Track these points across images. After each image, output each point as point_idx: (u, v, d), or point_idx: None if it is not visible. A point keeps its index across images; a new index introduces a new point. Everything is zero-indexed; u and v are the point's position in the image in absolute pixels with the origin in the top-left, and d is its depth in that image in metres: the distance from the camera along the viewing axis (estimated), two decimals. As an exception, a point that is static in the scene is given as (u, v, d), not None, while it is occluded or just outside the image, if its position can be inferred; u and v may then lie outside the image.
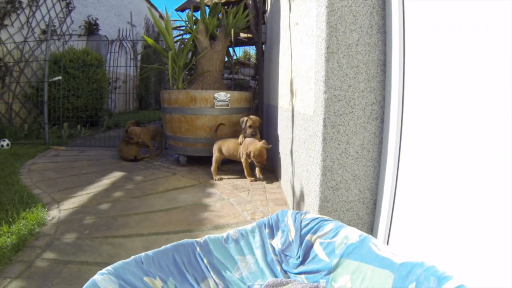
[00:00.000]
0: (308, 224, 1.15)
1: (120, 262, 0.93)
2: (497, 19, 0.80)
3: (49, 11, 6.47)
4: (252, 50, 6.90)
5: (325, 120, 1.38)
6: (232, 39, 3.62)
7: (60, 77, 5.00)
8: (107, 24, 8.94)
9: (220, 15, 3.87)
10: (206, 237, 1.15)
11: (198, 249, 1.10)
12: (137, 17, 10.89)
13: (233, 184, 2.79)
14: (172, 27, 3.69)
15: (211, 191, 2.58)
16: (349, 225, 1.11)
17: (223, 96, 3.24)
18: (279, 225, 1.22)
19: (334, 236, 1.07)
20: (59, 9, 6.82)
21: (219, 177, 2.94)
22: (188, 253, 1.08)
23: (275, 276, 1.11)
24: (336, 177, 1.42)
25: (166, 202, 2.32)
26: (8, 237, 1.66)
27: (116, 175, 3.02)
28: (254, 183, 2.81)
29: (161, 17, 10.84)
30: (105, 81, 6.73)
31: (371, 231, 1.44)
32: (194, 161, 3.58)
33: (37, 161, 3.61)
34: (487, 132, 0.82)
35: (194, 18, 3.75)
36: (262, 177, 2.84)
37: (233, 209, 2.19)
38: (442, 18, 1.00)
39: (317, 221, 1.14)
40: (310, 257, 1.10)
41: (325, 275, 1.03)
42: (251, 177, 2.89)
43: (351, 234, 1.04)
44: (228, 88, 4.10)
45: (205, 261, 1.08)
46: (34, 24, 6.12)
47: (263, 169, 2.97)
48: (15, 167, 3.21)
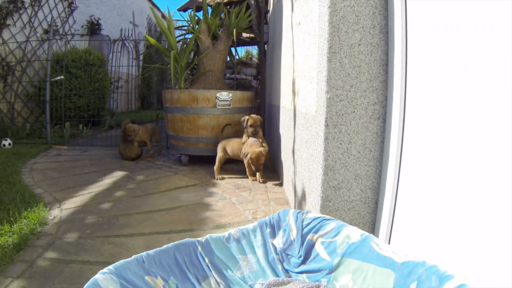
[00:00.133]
0: (309, 223, 1.15)
1: (121, 261, 0.93)
2: (498, 19, 0.79)
3: (51, 11, 6.49)
4: (254, 50, 6.89)
5: (327, 119, 1.38)
6: (234, 39, 3.63)
7: (62, 77, 5.02)
8: (110, 23, 8.96)
9: (222, 15, 3.88)
10: (207, 236, 1.15)
11: (199, 248, 1.10)
12: (139, 17, 10.91)
13: (235, 183, 2.79)
14: (174, 27, 3.69)
15: (213, 190, 2.58)
16: (350, 224, 1.11)
17: (225, 95, 3.24)
18: (280, 225, 1.22)
19: (335, 235, 1.07)
20: (61, 9, 6.84)
21: (221, 176, 2.94)
22: (189, 252, 1.08)
23: (277, 275, 1.11)
24: (338, 176, 1.41)
25: (167, 201, 2.32)
26: (9, 237, 1.66)
27: (117, 175, 3.03)
28: (255, 183, 2.80)
29: (163, 17, 10.85)
30: (107, 81, 6.74)
31: (372, 230, 1.44)
32: (196, 160, 3.58)
33: (38, 160, 3.62)
34: (487, 132, 0.82)
35: (196, 18, 3.76)
36: (261, 181, 2.81)
37: (235, 209, 2.19)
38: (443, 18, 1.00)
39: (318, 220, 1.14)
40: (311, 256, 1.10)
41: (327, 274, 1.03)
42: (253, 177, 2.88)
43: (353, 233, 1.04)
44: (230, 87, 4.10)
45: (207, 260, 1.08)
46: (36, 23, 6.14)
47: (264, 168, 2.95)
48: (17, 166, 3.21)
